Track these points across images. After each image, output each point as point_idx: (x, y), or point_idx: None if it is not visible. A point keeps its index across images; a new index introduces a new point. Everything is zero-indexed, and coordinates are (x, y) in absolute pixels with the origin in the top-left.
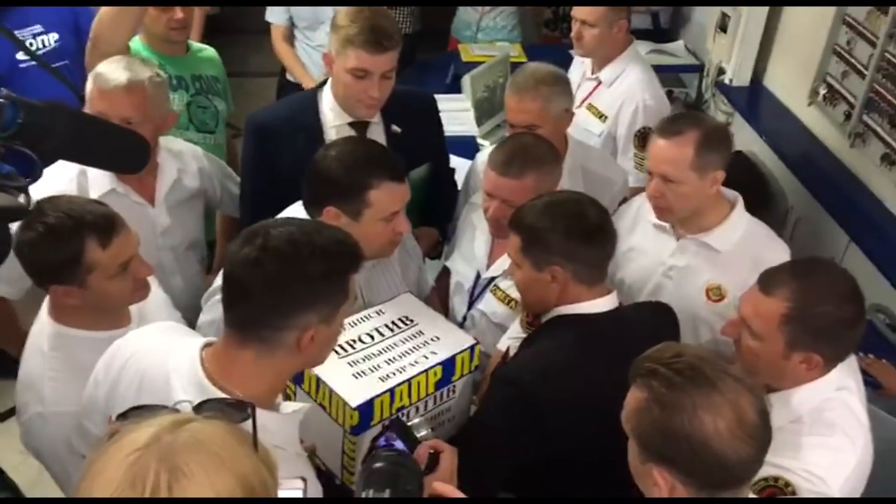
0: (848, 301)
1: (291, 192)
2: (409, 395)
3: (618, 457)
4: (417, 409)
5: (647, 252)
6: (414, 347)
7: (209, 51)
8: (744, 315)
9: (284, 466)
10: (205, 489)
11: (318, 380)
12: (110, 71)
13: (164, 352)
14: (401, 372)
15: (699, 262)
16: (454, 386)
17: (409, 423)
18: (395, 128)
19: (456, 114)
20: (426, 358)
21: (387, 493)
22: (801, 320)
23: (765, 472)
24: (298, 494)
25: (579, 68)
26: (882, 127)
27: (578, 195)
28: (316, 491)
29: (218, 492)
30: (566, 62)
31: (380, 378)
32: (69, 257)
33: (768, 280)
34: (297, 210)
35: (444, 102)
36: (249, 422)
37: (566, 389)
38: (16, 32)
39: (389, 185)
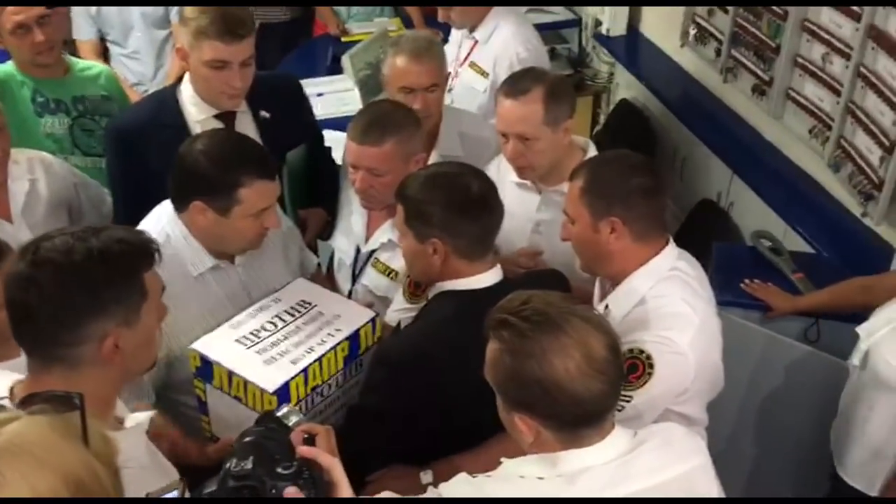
0: (637, 173)
1: (164, 194)
2: (321, 374)
3: (494, 421)
4: (330, 385)
5: (513, 212)
6: (318, 328)
7: (97, 69)
8: (564, 209)
9: (131, 485)
10: (23, 492)
11: (231, 373)
12: None
13: None
14: (310, 352)
15: None
16: (361, 360)
17: (278, 414)
18: (264, 113)
19: (340, 94)
20: (331, 336)
21: (249, 462)
22: (594, 189)
23: (624, 347)
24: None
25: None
26: (750, 59)
27: (462, 167)
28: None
29: (39, 493)
30: (446, 31)
31: (291, 361)
32: None
33: (574, 171)
34: (164, 208)
35: (327, 84)
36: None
37: (439, 366)
38: None
39: (260, 183)
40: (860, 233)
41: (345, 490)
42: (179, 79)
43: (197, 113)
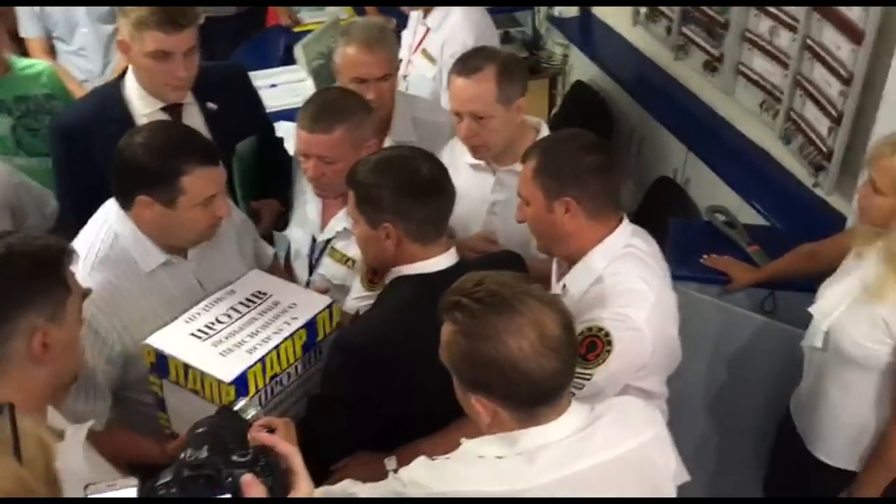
0: (589, 151)
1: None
2: (280, 362)
3: (458, 405)
4: (289, 374)
5: (468, 194)
6: (274, 317)
7: (38, 67)
8: (518, 192)
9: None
10: None
11: (186, 366)
12: None
13: None
14: (266, 341)
15: None
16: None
17: (236, 408)
18: (211, 105)
19: (293, 85)
20: (288, 324)
21: (204, 451)
22: (547, 170)
23: (582, 326)
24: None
25: (415, 15)
26: (700, 36)
27: (412, 150)
28: None
29: None
30: (400, 18)
31: (247, 351)
32: None
33: (525, 153)
34: (110, 206)
35: (280, 75)
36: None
37: (397, 351)
38: None
39: (202, 170)
40: (812, 203)
41: (303, 478)
42: (123, 73)
43: (143, 106)
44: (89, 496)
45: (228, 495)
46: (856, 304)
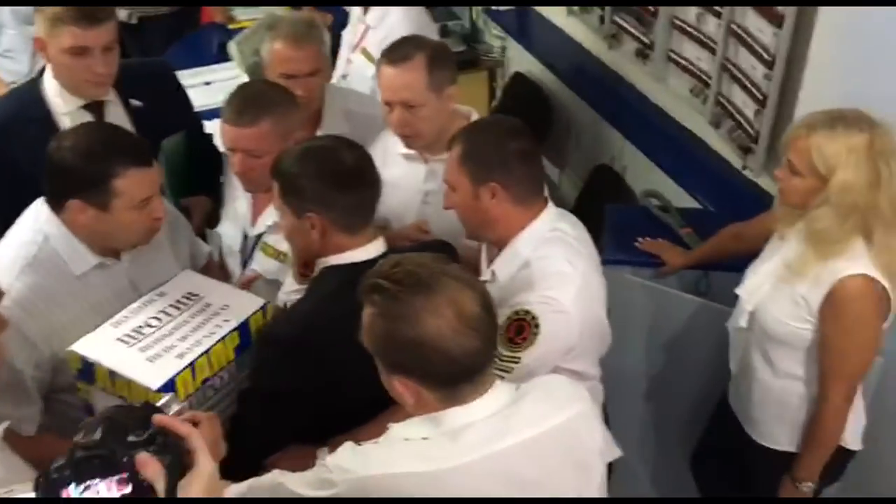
0: (513, 137)
1: (35, 191)
2: (211, 366)
3: (385, 392)
4: (222, 378)
5: (402, 184)
6: (205, 320)
7: None
8: (444, 178)
9: None
10: None
11: (112, 373)
12: None
13: None
14: (197, 345)
15: None
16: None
17: (159, 404)
18: (135, 102)
19: (228, 83)
20: (220, 327)
21: (98, 433)
22: (472, 155)
23: (510, 310)
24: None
25: (356, 12)
26: (631, 24)
27: (336, 140)
28: None
29: None
30: (340, 15)
31: (177, 356)
32: None
33: (451, 139)
34: (40, 206)
35: (215, 73)
36: None
37: (325, 341)
38: None
39: (135, 172)
40: (742, 185)
41: (203, 456)
42: (41, 72)
43: (63, 105)
44: None
45: (125, 474)
46: (778, 283)
